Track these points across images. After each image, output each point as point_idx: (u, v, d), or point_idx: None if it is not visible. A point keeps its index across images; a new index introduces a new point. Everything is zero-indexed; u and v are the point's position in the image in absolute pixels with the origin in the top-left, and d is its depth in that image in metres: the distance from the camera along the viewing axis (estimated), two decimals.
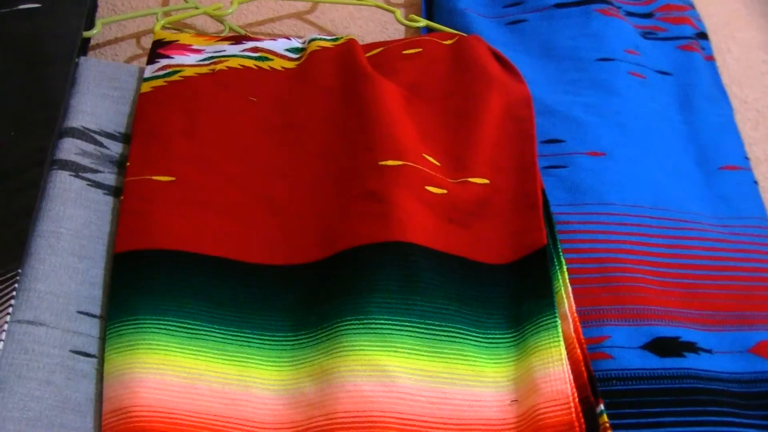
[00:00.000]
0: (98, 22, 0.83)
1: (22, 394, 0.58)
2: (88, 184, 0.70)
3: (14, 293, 0.62)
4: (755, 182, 0.84)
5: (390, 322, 0.64)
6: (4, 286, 0.62)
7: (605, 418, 0.61)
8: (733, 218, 0.80)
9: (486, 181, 0.74)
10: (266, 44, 0.83)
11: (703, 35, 0.97)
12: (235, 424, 0.61)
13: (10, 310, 0.61)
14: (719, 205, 0.81)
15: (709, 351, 0.69)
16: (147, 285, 0.65)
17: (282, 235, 0.70)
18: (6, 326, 0.60)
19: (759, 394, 0.68)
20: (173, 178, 0.71)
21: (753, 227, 0.79)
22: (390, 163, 0.72)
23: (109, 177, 0.72)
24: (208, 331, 0.64)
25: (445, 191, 0.72)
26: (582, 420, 0.60)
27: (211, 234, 0.69)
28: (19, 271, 0.63)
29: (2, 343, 0.59)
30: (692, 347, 0.69)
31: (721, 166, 0.84)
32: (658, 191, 0.78)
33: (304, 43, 0.84)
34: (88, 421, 0.60)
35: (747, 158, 0.85)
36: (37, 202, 0.67)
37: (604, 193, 0.76)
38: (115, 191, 0.71)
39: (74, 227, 0.67)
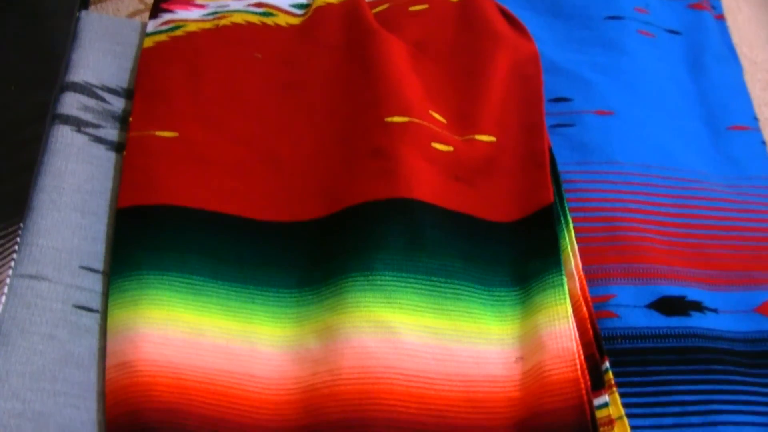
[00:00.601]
0: None
1: (25, 348, 0.58)
2: (90, 139, 0.69)
3: (16, 247, 0.61)
4: (763, 143, 0.83)
5: (395, 278, 0.63)
6: (5, 240, 0.62)
7: (610, 375, 0.61)
8: (741, 178, 0.79)
9: (493, 138, 0.73)
10: None
11: None
12: (239, 379, 0.60)
13: (12, 264, 0.61)
14: (727, 165, 0.80)
15: (714, 310, 0.69)
16: (150, 240, 0.64)
17: (286, 192, 0.69)
18: (8, 280, 0.60)
19: (764, 353, 0.68)
20: (176, 134, 0.70)
21: (760, 187, 0.79)
22: (396, 119, 0.71)
23: (111, 132, 0.71)
24: (211, 286, 0.64)
25: (451, 148, 0.72)
26: (587, 377, 0.60)
27: (214, 190, 0.68)
28: (21, 225, 0.63)
29: (4, 296, 0.59)
30: (698, 306, 0.68)
31: (730, 126, 0.83)
32: (665, 150, 0.78)
33: None
34: (91, 375, 0.60)
35: (756, 119, 0.85)
36: (39, 156, 0.66)
37: (612, 152, 0.76)
38: (118, 147, 0.70)
39: (76, 182, 0.67)
